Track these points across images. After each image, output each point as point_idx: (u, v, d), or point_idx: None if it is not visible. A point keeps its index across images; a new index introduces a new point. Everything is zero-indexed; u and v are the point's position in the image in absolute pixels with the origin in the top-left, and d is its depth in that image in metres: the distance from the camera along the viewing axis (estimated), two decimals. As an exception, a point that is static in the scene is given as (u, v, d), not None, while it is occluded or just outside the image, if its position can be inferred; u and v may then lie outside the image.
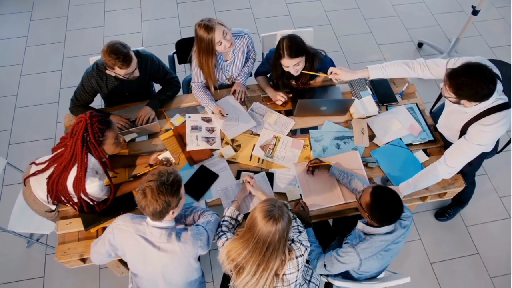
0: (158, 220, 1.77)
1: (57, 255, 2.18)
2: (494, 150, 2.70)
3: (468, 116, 2.15)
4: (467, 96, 1.99)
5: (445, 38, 4.35)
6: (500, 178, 3.42)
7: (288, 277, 1.77)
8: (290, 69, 2.48)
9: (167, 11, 4.45)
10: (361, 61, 4.09)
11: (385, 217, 1.90)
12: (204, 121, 2.63)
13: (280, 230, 1.65)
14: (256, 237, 1.66)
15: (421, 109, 2.73)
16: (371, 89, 2.82)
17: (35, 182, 2.19)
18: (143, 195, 1.70)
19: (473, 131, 2.12)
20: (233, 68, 2.76)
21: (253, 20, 4.40)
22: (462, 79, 1.94)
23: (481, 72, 1.92)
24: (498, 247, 3.09)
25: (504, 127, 2.07)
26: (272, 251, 1.68)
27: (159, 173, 1.73)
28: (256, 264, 1.70)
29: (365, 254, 1.95)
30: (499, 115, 2.06)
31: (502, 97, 2.09)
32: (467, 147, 2.14)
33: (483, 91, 1.94)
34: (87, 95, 2.54)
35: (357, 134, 2.58)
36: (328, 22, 4.43)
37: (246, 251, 1.70)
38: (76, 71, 3.85)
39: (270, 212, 1.65)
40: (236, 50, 2.67)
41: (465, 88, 1.95)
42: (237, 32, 2.63)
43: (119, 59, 2.25)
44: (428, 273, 2.96)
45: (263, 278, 1.71)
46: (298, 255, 1.78)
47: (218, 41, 2.40)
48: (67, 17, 4.35)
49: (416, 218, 3.19)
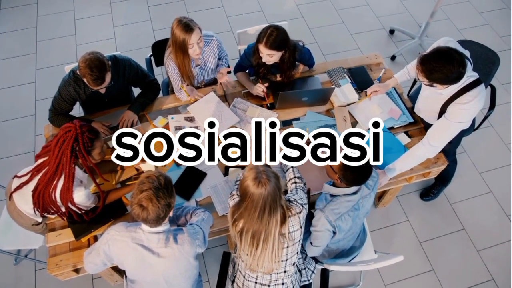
0: (158, 225, 1.76)
1: (49, 268, 2.14)
2: (471, 128, 2.80)
3: (444, 97, 2.24)
4: (439, 80, 2.07)
5: (415, 23, 4.45)
6: (478, 154, 3.53)
7: (292, 235, 1.84)
8: (263, 56, 2.49)
9: (139, 15, 4.40)
10: (336, 51, 4.15)
11: (356, 177, 1.97)
12: (187, 120, 2.63)
13: (270, 190, 1.71)
14: (249, 202, 1.73)
15: (399, 93, 2.79)
16: (350, 77, 2.86)
17: (18, 196, 2.14)
18: (141, 208, 1.67)
19: (452, 110, 2.20)
20: (204, 72, 2.77)
21: (226, 18, 4.41)
22: (432, 64, 2.01)
23: (450, 57, 1.99)
24: (482, 221, 3.19)
25: (480, 102, 2.16)
26: (270, 213, 1.74)
27: (149, 180, 1.70)
28: (257, 231, 1.77)
29: (334, 215, 2.01)
30: (474, 92, 2.14)
31: (472, 74, 2.18)
32: (448, 125, 2.22)
33: (453, 74, 2.02)
34: (66, 103, 2.50)
35: (340, 122, 2.62)
36: (300, 15, 4.47)
37: (243, 218, 1.78)
38: (51, 81, 3.79)
39: (256, 178, 1.72)
40: (206, 55, 2.68)
41: (436, 73, 2.03)
42: (205, 36, 2.62)
43: (91, 76, 2.23)
44: (418, 252, 3.04)
45: (269, 243, 1.79)
46: (298, 211, 1.86)
47: (191, 44, 2.40)
48: (36, 28, 4.25)
49: (402, 199, 3.27)
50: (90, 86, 2.32)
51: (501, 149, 3.58)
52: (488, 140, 3.62)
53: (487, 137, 3.63)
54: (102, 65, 2.25)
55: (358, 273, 2.91)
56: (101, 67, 2.24)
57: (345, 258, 2.36)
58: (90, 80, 2.25)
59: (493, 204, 3.28)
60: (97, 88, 2.34)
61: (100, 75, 2.25)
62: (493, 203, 3.28)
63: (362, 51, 4.18)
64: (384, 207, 3.21)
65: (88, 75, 2.23)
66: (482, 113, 2.82)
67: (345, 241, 2.26)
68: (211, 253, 2.90)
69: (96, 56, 2.24)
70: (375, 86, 2.58)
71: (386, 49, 4.21)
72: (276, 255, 1.83)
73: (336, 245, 2.26)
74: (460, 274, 2.96)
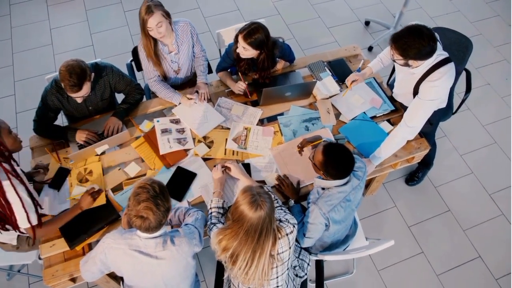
0: (158, 230, 1.77)
1: (46, 279, 2.13)
2: (450, 112, 2.89)
3: (416, 76, 2.32)
4: (413, 56, 2.15)
5: (389, 13, 4.55)
6: (458, 137, 3.64)
7: (281, 256, 1.84)
8: (239, 47, 2.51)
9: (115, 21, 4.38)
10: (314, 45, 4.21)
11: (339, 171, 2.02)
12: (173, 123, 2.64)
13: (268, 212, 1.71)
14: (246, 227, 1.71)
15: (379, 82, 2.86)
16: (330, 70, 2.92)
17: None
18: (142, 219, 1.67)
19: (423, 89, 2.29)
20: (179, 59, 2.75)
21: (203, 19, 4.42)
22: (404, 40, 2.10)
23: (420, 32, 2.09)
24: (466, 201, 3.30)
25: (450, 79, 2.26)
26: (266, 234, 1.74)
27: (144, 190, 1.69)
28: (251, 251, 1.75)
29: (327, 207, 2.05)
30: (444, 69, 2.24)
31: (442, 53, 2.27)
32: (421, 104, 2.31)
33: (426, 48, 2.10)
34: (50, 112, 2.49)
35: (324, 114, 2.68)
36: (277, 12, 4.51)
37: (237, 241, 1.74)
38: (31, 93, 3.75)
39: (254, 201, 1.70)
40: (180, 39, 2.67)
41: (409, 48, 2.11)
42: (176, 21, 2.63)
43: (68, 82, 2.22)
44: (407, 236, 3.13)
45: (261, 263, 1.77)
46: (288, 232, 1.85)
47: (149, 27, 2.42)
48: (11, 39, 4.18)
49: (389, 186, 3.35)
50: (67, 92, 2.30)
51: (479, 131, 3.69)
52: (466, 123, 3.74)
53: (465, 120, 3.74)
54: (82, 73, 2.24)
55: (351, 261, 2.98)
56: (81, 75, 2.23)
57: (340, 248, 2.41)
58: (67, 86, 2.23)
59: (475, 184, 3.39)
60: (74, 96, 2.31)
61: (78, 83, 2.23)
62: (475, 183, 3.39)
63: (340, 43, 4.25)
64: (372, 195, 3.28)
65: (66, 80, 2.21)
66: (459, 97, 2.91)
67: (339, 234, 2.32)
68: (205, 252, 2.91)
69: (79, 63, 2.24)
70: (353, 76, 2.64)
71: (363, 40, 4.29)
72: (266, 273, 1.82)
73: (331, 238, 2.30)
74: (449, 254, 3.06)
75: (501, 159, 3.53)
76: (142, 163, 2.49)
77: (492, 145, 3.61)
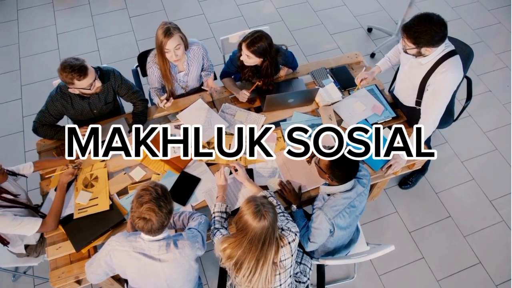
0: (160, 232, 1.80)
1: (52, 281, 2.17)
2: (450, 119, 2.92)
3: (425, 68, 2.35)
4: (425, 43, 2.18)
5: (392, 20, 4.59)
6: (459, 144, 3.67)
7: (284, 263, 1.88)
8: (242, 55, 2.57)
9: (121, 26, 4.44)
10: (317, 52, 4.25)
11: (345, 173, 2.05)
12: (177, 128, 2.68)
13: (271, 222, 1.76)
14: (250, 236, 1.76)
15: (380, 89, 2.90)
16: (332, 77, 2.96)
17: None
18: (145, 220, 1.71)
19: (434, 81, 2.32)
20: (188, 78, 2.83)
21: (207, 25, 4.47)
22: (416, 28, 2.15)
23: (430, 18, 2.13)
24: (467, 208, 3.33)
25: (458, 70, 2.29)
26: (269, 243, 1.79)
27: (147, 192, 1.73)
28: (255, 259, 1.79)
29: (332, 212, 2.09)
30: (452, 60, 2.28)
31: (448, 44, 2.31)
32: (436, 97, 2.33)
33: (438, 34, 2.14)
34: (52, 117, 2.53)
35: (326, 121, 2.72)
36: (280, 19, 4.56)
37: (241, 250, 1.80)
38: (37, 97, 3.79)
39: (258, 211, 1.75)
40: (191, 60, 2.75)
41: (421, 35, 2.15)
42: (191, 43, 2.70)
43: (74, 71, 2.24)
44: (408, 242, 3.15)
45: (264, 271, 1.82)
46: (291, 240, 1.89)
47: (167, 49, 2.49)
48: (19, 44, 4.25)
49: (390, 192, 3.38)
50: (83, 86, 2.31)
51: (480, 138, 3.72)
52: (468, 130, 3.77)
53: (466, 127, 3.77)
54: (76, 59, 2.26)
55: (352, 266, 3.01)
56: (77, 59, 2.26)
57: (342, 253, 2.44)
58: (76, 75, 2.23)
59: (476, 191, 3.41)
60: (88, 82, 2.31)
61: (81, 65, 2.24)
62: (476, 189, 3.42)
63: (342, 50, 4.29)
64: (373, 200, 3.31)
65: (71, 73, 2.22)
66: (460, 104, 2.95)
67: (342, 240, 2.34)
68: (208, 256, 2.94)
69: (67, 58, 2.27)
70: (362, 74, 2.71)
71: (365, 47, 4.33)
72: (269, 281, 1.86)
73: (334, 244, 2.33)
74: (449, 259, 3.08)
75: (502, 165, 3.56)
76: (147, 167, 2.53)
77: (493, 151, 3.63)
